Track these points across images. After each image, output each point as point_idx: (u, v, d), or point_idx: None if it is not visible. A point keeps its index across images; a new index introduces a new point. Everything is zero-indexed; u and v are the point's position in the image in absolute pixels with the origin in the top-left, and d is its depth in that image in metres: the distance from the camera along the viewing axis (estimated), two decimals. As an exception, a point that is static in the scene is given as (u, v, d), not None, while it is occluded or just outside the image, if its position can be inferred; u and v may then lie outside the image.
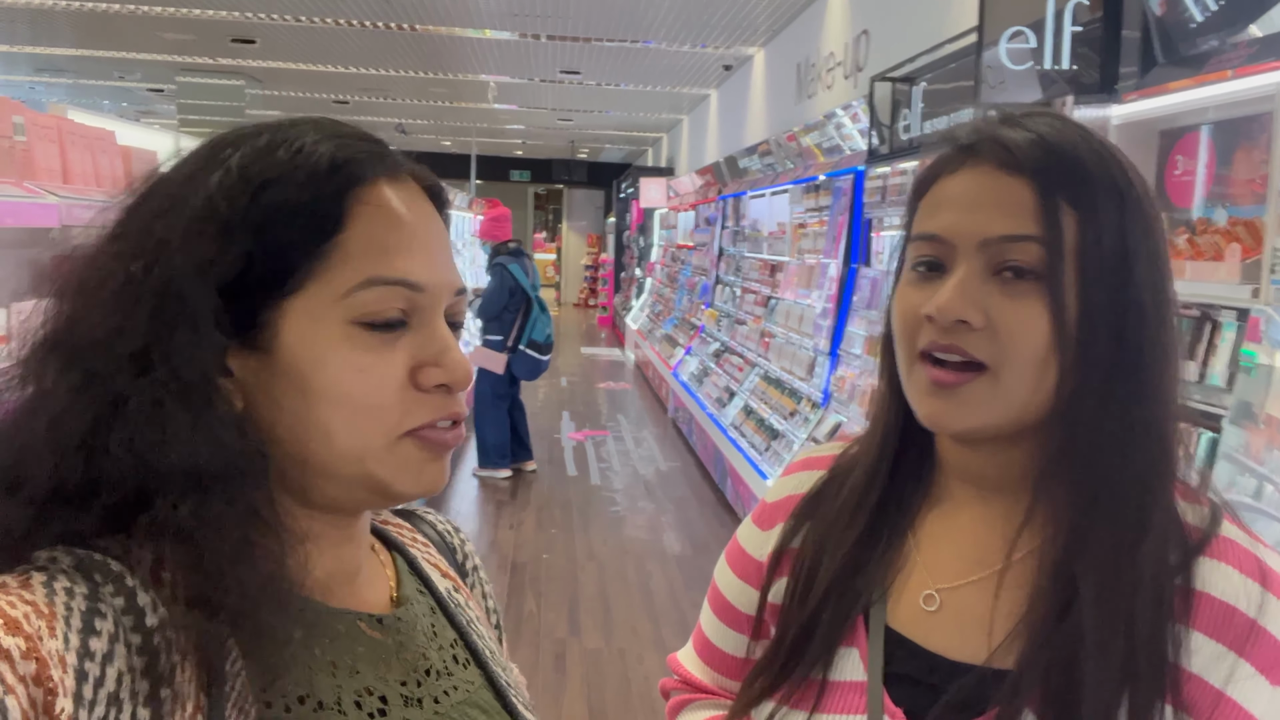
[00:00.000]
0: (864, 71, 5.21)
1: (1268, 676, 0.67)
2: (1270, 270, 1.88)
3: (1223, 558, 0.70)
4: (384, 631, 0.65)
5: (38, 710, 0.45)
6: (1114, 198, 0.70)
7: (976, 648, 0.73)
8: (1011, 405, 0.71)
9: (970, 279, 0.70)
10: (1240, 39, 2.03)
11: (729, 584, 0.94)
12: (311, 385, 0.57)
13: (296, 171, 0.58)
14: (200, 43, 9.40)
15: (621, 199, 16.89)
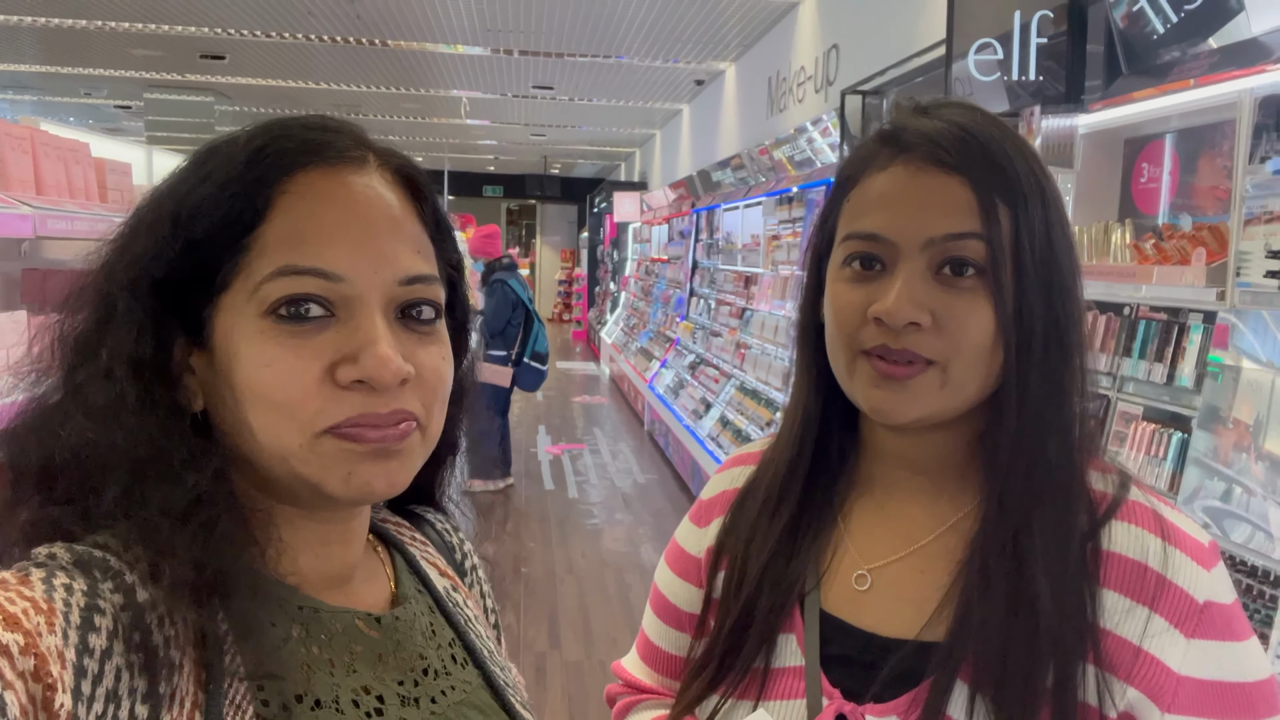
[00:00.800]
0: (834, 85, 5.27)
1: (1180, 629, 0.69)
2: (1235, 274, 1.92)
3: (1129, 519, 0.74)
4: (381, 630, 0.65)
5: (36, 706, 0.45)
6: (1037, 192, 0.73)
7: (908, 623, 0.75)
8: (959, 395, 0.73)
9: (914, 279, 0.71)
10: (1201, 49, 2.09)
11: (669, 583, 0.95)
12: (232, 382, 0.57)
13: (218, 169, 0.59)
14: (169, 59, 9.32)
15: (595, 213, 16.92)
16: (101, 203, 2.30)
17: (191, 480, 0.54)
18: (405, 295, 0.60)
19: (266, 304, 0.56)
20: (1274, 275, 1.82)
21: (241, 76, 10.11)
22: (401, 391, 0.58)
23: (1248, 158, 1.89)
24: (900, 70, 3.97)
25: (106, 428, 0.54)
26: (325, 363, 0.56)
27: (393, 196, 0.62)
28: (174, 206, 0.59)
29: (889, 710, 0.73)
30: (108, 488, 0.54)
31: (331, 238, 0.57)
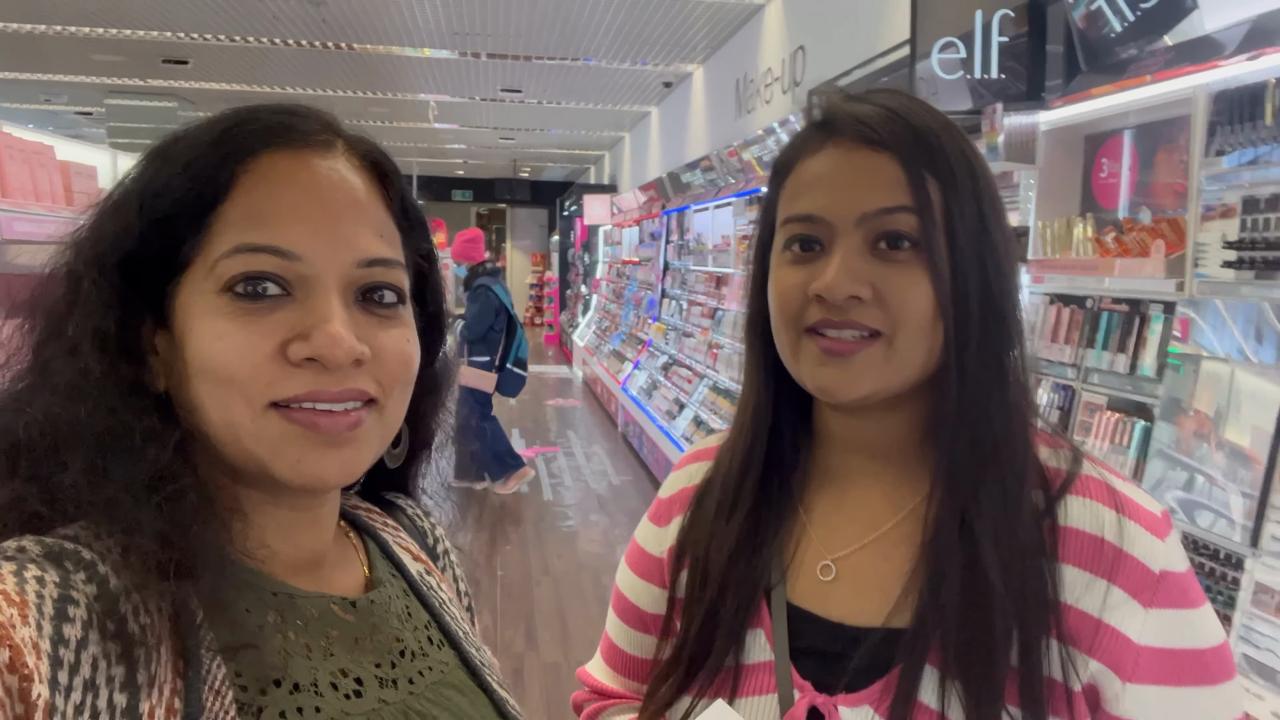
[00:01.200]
0: (801, 86, 5.32)
1: (1138, 600, 0.70)
2: (1194, 265, 1.97)
3: (1084, 493, 0.74)
4: (357, 614, 0.65)
5: (13, 697, 0.45)
6: (966, 167, 0.75)
7: (874, 610, 0.76)
8: (904, 368, 0.74)
9: (852, 255, 0.72)
10: (1157, 47, 2.14)
11: (631, 586, 0.94)
12: (187, 357, 0.57)
13: (184, 150, 0.60)
14: (131, 64, 9.20)
15: (565, 217, 16.91)
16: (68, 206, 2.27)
17: (153, 454, 0.54)
18: (364, 278, 0.60)
19: (223, 280, 0.57)
20: (1231, 266, 1.87)
21: (205, 81, 10.00)
22: (356, 371, 0.58)
23: (1203, 152, 1.94)
24: (866, 70, 4.02)
25: (71, 403, 0.55)
26: (278, 340, 0.56)
27: (358, 181, 0.62)
28: (140, 186, 0.60)
29: (861, 700, 0.73)
30: (72, 462, 0.54)
31: (290, 217, 0.58)
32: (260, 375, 0.56)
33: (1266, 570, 1.70)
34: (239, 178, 0.58)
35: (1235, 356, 1.89)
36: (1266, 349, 1.82)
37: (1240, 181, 1.85)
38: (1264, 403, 1.79)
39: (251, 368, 0.56)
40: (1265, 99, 1.76)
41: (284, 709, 0.56)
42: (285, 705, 0.57)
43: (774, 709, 0.76)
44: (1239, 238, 1.85)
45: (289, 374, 0.57)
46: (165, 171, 0.59)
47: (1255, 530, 1.74)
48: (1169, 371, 2.06)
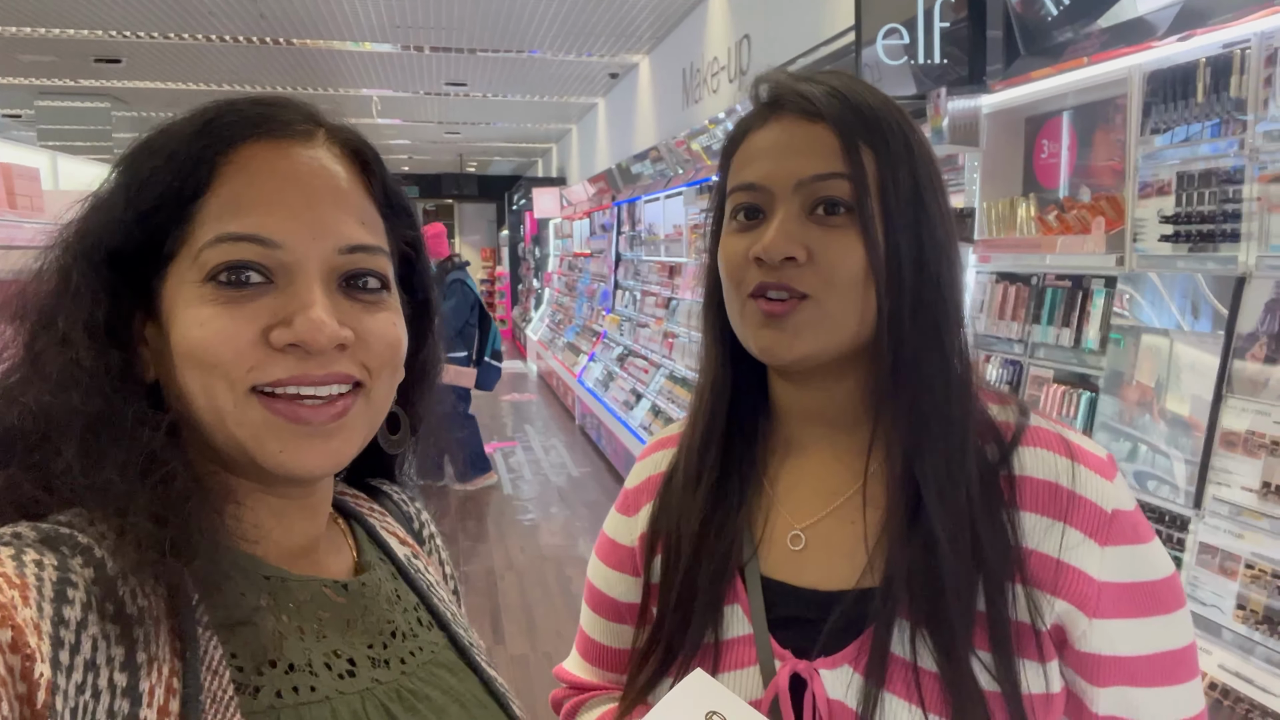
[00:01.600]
0: (748, 75, 5.35)
1: (1095, 539, 0.74)
2: (1133, 239, 2.04)
3: (1035, 443, 0.78)
4: (348, 597, 0.66)
5: (15, 676, 0.46)
6: (901, 140, 0.78)
7: (845, 574, 0.78)
8: (837, 330, 0.76)
9: (789, 219, 0.76)
10: (1092, 29, 2.20)
11: (605, 578, 0.95)
12: (173, 345, 0.58)
13: (167, 142, 0.61)
14: (61, 64, 8.93)
15: (514, 211, 16.81)
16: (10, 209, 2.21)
17: (144, 437, 0.55)
18: (346, 264, 0.61)
19: (206, 269, 0.58)
20: (1168, 240, 1.94)
21: (139, 80, 9.74)
22: (339, 356, 0.59)
23: (1139, 130, 2.01)
24: (811, 58, 4.07)
25: (63, 391, 0.55)
26: (260, 326, 0.57)
27: (340, 169, 0.63)
28: (126, 180, 0.61)
29: (839, 660, 0.75)
30: (65, 447, 0.54)
31: (271, 205, 0.59)
32: (243, 360, 0.57)
33: (1210, 530, 1.77)
34: (220, 168, 0.59)
35: (1173, 329, 1.96)
36: (1202, 320, 1.89)
37: (1175, 158, 1.92)
38: (1202, 372, 1.87)
39: (234, 353, 0.57)
40: (1196, 78, 1.83)
41: (280, 688, 0.58)
42: (281, 684, 0.58)
43: (756, 680, 0.78)
44: (1175, 212, 1.91)
45: (272, 359, 0.57)
46: (149, 164, 0.60)
47: (1198, 493, 1.82)
48: (1111, 345, 2.13)
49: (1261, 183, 1.71)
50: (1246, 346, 1.76)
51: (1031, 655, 0.74)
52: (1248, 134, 1.73)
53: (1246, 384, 1.75)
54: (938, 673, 0.72)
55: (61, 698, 0.47)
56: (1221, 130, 1.79)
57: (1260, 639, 1.62)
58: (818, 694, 0.75)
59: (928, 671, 0.73)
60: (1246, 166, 1.74)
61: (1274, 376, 1.68)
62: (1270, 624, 1.61)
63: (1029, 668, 0.73)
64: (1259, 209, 1.72)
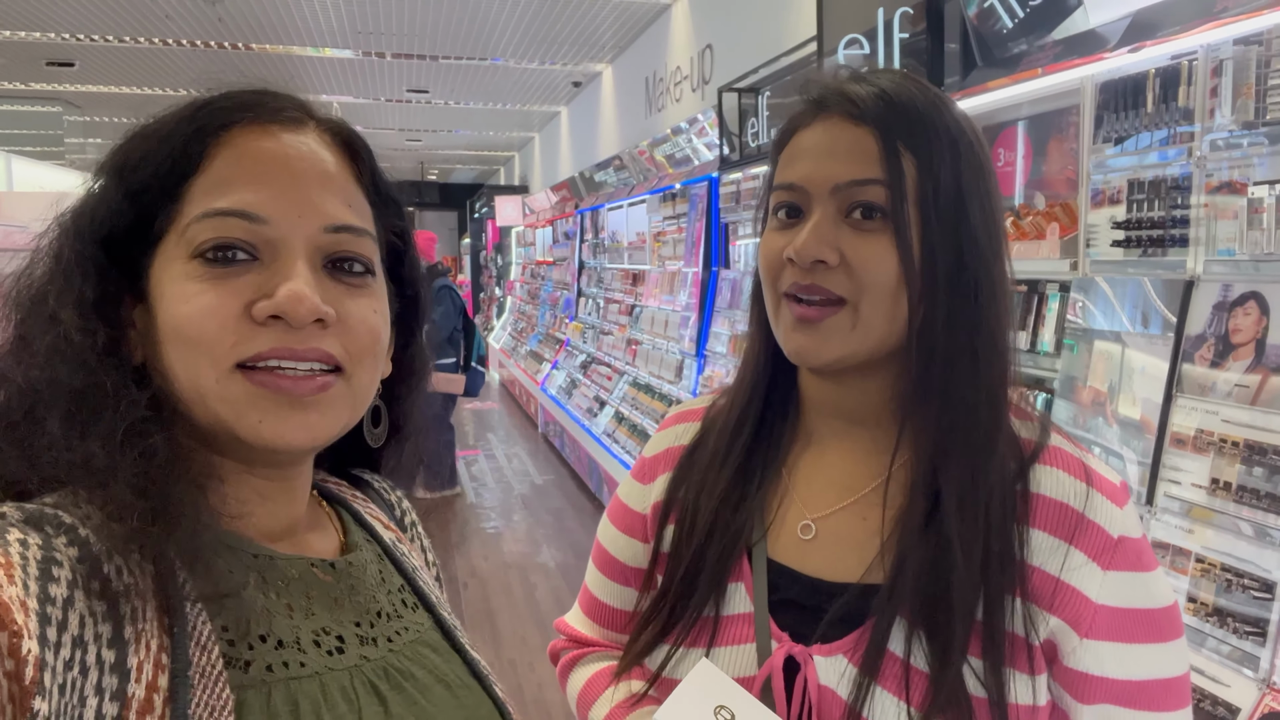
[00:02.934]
0: (710, 84, 5.41)
1: (1098, 562, 0.75)
2: (1086, 245, 2.10)
3: (1053, 463, 0.78)
4: (335, 575, 0.67)
5: (3, 653, 0.46)
6: (948, 144, 0.77)
7: (850, 568, 0.80)
8: (870, 335, 0.77)
9: (824, 222, 0.76)
10: (1046, 41, 2.27)
11: (613, 540, 0.98)
12: (159, 322, 0.59)
13: (160, 126, 0.62)
14: (11, 67, 8.73)
15: (476, 219, 16.75)
16: (-36, 210, 2.16)
17: (128, 410, 0.56)
18: (332, 245, 0.62)
19: (193, 245, 0.58)
20: (1119, 245, 2.00)
21: (92, 84, 9.57)
22: (321, 332, 0.60)
23: (1091, 139, 2.07)
24: (773, 68, 4.12)
25: (50, 366, 0.56)
26: (244, 300, 0.58)
27: (328, 155, 0.64)
28: (119, 161, 0.62)
29: (835, 649, 0.77)
30: (49, 420, 0.55)
31: (258, 183, 0.60)
32: (226, 335, 0.57)
33: (1162, 526, 1.82)
34: (210, 150, 0.60)
35: (1124, 333, 2.02)
36: (1152, 325, 1.95)
37: (1125, 166, 1.98)
38: (1152, 375, 1.92)
39: (218, 328, 0.57)
40: (1146, 89, 1.89)
41: (270, 663, 0.58)
42: (271, 659, 0.58)
43: (752, 658, 0.80)
44: (1125, 219, 1.97)
45: (254, 332, 0.58)
46: (141, 148, 0.61)
47: (1149, 492, 1.87)
48: (1065, 349, 2.19)
49: (1208, 190, 1.77)
50: (1195, 348, 1.81)
51: (1022, 667, 0.74)
52: (1195, 143, 1.79)
53: (1195, 384, 1.80)
54: (928, 673, 0.73)
55: (50, 674, 0.47)
56: (1170, 139, 1.85)
57: (1210, 630, 1.67)
58: (810, 678, 0.77)
59: (919, 671, 0.74)
60: (1194, 174, 1.80)
61: (1221, 377, 1.74)
62: (1220, 616, 1.66)
63: (1018, 678, 0.74)
64: (1206, 215, 1.78)
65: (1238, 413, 1.69)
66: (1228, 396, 1.72)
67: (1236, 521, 1.66)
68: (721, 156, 4.63)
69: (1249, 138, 1.67)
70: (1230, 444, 1.70)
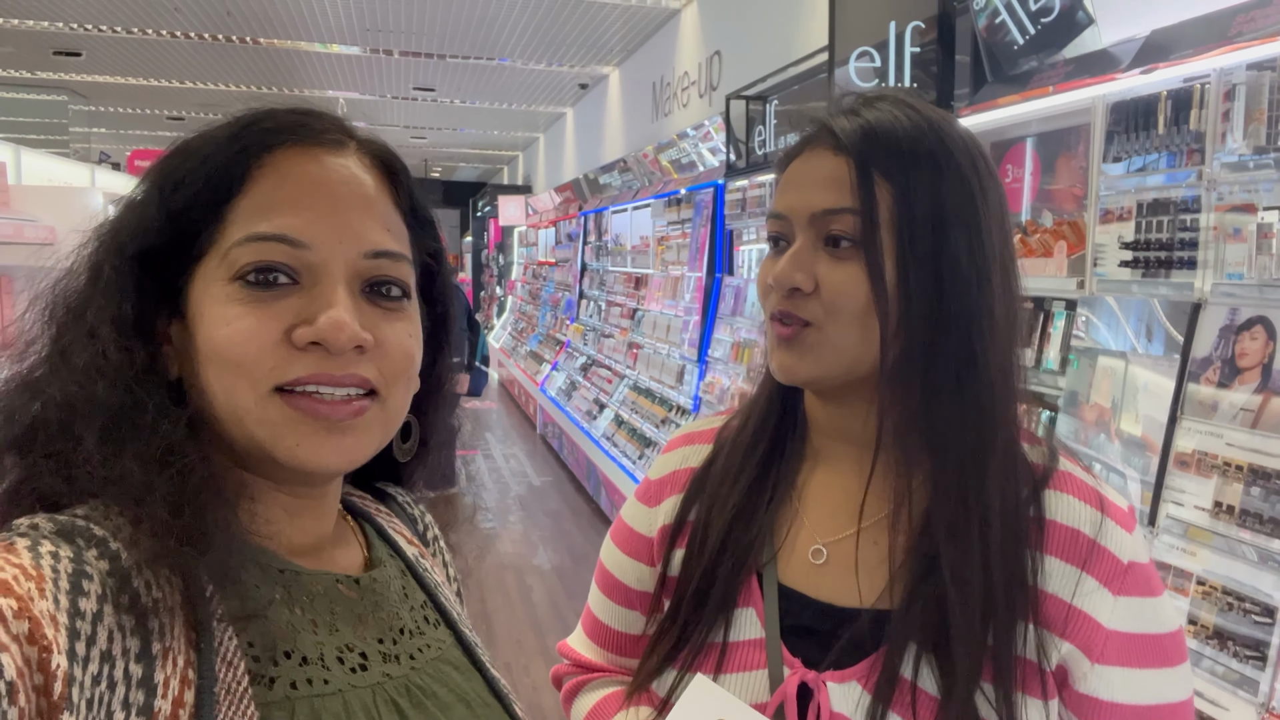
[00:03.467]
0: (718, 90, 5.41)
1: (1109, 588, 0.75)
2: (1093, 264, 2.10)
3: (1065, 489, 0.79)
4: (360, 591, 0.67)
5: (32, 668, 0.46)
6: (930, 171, 0.76)
7: (863, 593, 0.80)
8: (842, 356, 0.78)
9: (802, 249, 0.79)
10: (1057, 59, 2.27)
11: (618, 563, 0.97)
12: (197, 344, 0.60)
13: (202, 145, 0.62)
14: (18, 55, 8.73)
15: (479, 218, 16.75)
16: (-24, 204, 2.16)
17: (165, 430, 0.56)
18: (371, 270, 0.62)
19: (235, 268, 0.59)
20: (1127, 265, 2.00)
21: (99, 74, 9.57)
22: (359, 358, 0.60)
23: (1101, 158, 2.07)
24: (782, 76, 4.13)
25: (88, 382, 0.56)
26: (284, 325, 0.58)
27: (368, 178, 0.65)
28: (161, 180, 0.62)
29: (848, 676, 0.77)
30: (87, 436, 0.55)
31: (299, 207, 0.60)
32: (265, 359, 0.58)
33: (1164, 548, 1.83)
34: (253, 172, 0.60)
35: (1129, 351, 2.03)
36: (1156, 344, 1.96)
37: (1135, 186, 1.99)
38: (1156, 394, 1.93)
39: (258, 351, 0.58)
40: (1158, 110, 1.89)
41: (294, 680, 0.58)
42: (295, 676, 0.58)
43: (764, 684, 0.79)
44: (1134, 239, 1.98)
45: (293, 358, 0.58)
46: (184, 166, 0.61)
47: (1152, 512, 1.87)
48: (1069, 368, 2.19)
49: (1218, 212, 1.77)
50: (1200, 371, 1.82)
51: (1034, 692, 0.75)
52: (1206, 165, 1.79)
53: (1200, 407, 1.81)
54: (939, 699, 0.74)
55: (78, 689, 0.47)
56: (1181, 161, 1.85)
57: (1210, 654, 1.68)
58: (823, 705, 0.77)
59: (930, 696, 0.74)
60: (1204, 196, 1.80)
61: (1225, 400, 1.75)
62: (1220, 639, 1.67)
63: (1030, 704, 0.74)
64: (1215, 238, 1.78)
65: (1242, 436, 1.69)
66: (1233, 420, 1.72)
67: (1239, 545, 1.66)
68: (728, 163, 4.64)
69: (1258, 161, 1.68)
70: (1234, 467, 1.70)
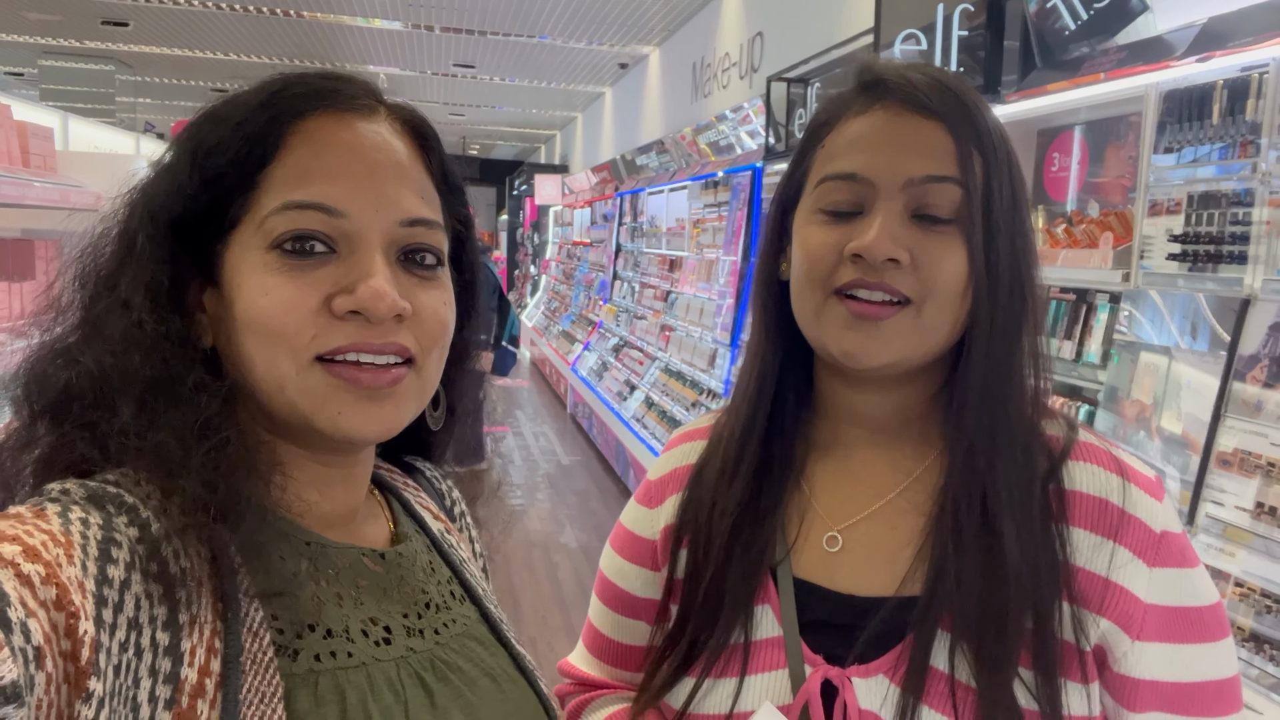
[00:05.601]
0: (759, 72, 5.36)
1: (1143, 559, 0.72)
2: (1140, 257, 2.06)
3: (1086, 458, 0.75)
4: (385, 566, 0.67)
5: (59, 634, 0.46)
6: (1003, 146, 0.75)
7: (884, 580, 0.76)
8: (929, 339, 0.74)
9: (893, 218, 0.72)
10: (1110, 45, 2.22)
11: (619, 570, 0.91)
12: (235, 313, 0.59)
13: (234, 112, 0.62)
14: (67, 24, 8.86)
15: (515, 196, 16.78)
16: (25, 167, 2.19)
17: (202, 403, 0.56)
18: (406, 238, 0.62)
19: (271, 237, 0.59)
20: (1175, 258, 1.95)
21: (144, 45, 9.67)
22: (397, 327, 0.60)
23: (1152, 148, 2.02)
24: (825, 59, 4.07)
25: (124, 352, 0.56)
26: (323, 294, 0.58)
27: (400, 144, 0.65)
28: (192, 147, 0.61)
29: (874, 670, 0.72)
30: (123, 408, 0.55)
31: (335, 176, 0.60)
32: (305, 329, 0.58)
33: (1202, 549, 1.79)
34: (287, 139, 0.60)
35: (1172, 347, 1.98)
36: (1200, 340, 1.91)
37: (1186, 178, 1.94)
38: (1199, 391, 1.89)
39: (298, 321, 0.58)
40: (1213, 100, 1.84)
41: (318, 652, 0.58)
42: (320, 649, 0.59)
43: (785, 685, 0.75)
44: (1183, 232, 1.93)
45: (333, 326, 0.58)
46: (216, 133, 0.61)
47: (1191, 511, 1.84)
48: (1110, 361, 2.15)
49: (1272, 206, 1.72)
50: (1247, 369, 1.77)
51: (1074, 676, 0.71)
52: (1261, 157, 1.74)
53: (1245, 405, 1.77)
54: (975, 688, 0.69)
55: (105, 655, 0.48)
56: (1235, 152, 1.80)
57: (1245, 657, 1.65)
58: (850, 703, 0.72)
59: (965, 686, 0.70)
60: (1258, 190, 1.75)
61: (1272, 399, 1.70)
62: (1257, 642, 1.64)
63: (1071, 689, 0.71)
64: (1267, 232, 1.74)
65: (1288, 436, 1.65)
66: (1279, 420, 1.68)
67: (1279, 547, 1.63)
68: (767, 146, 4.59)
69: (1318, 155, 1.63)
70: (1278, 468, 1.67)
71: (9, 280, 2.16)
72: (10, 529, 0.48)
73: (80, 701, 0.46)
